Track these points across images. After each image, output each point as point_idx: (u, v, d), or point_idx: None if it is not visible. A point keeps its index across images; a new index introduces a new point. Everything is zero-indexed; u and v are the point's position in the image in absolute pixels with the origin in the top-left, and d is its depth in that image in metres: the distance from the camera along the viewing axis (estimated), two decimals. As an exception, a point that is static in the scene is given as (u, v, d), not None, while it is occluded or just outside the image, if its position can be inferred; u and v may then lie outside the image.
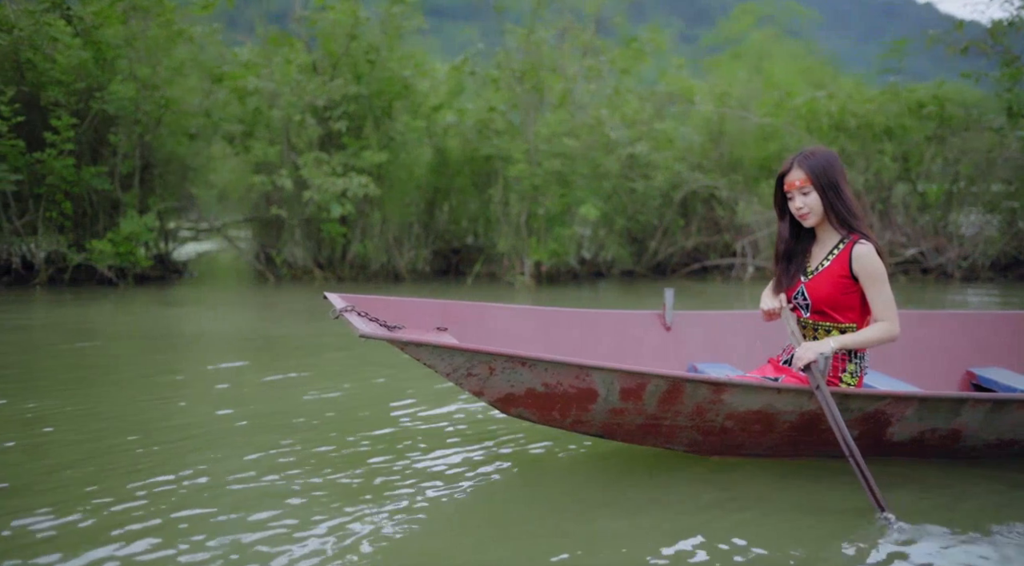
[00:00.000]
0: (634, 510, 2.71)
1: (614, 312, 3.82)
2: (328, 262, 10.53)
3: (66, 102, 9.26)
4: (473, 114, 10.53)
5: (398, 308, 3.33)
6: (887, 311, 2.96)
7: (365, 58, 10.06)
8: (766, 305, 3.13)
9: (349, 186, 9.39)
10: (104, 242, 9.34)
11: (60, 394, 4.29)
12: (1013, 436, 3.14)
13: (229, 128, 10.08)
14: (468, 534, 2.54)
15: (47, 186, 9.21)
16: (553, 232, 10.06)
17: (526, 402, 2.89)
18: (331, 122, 9.81)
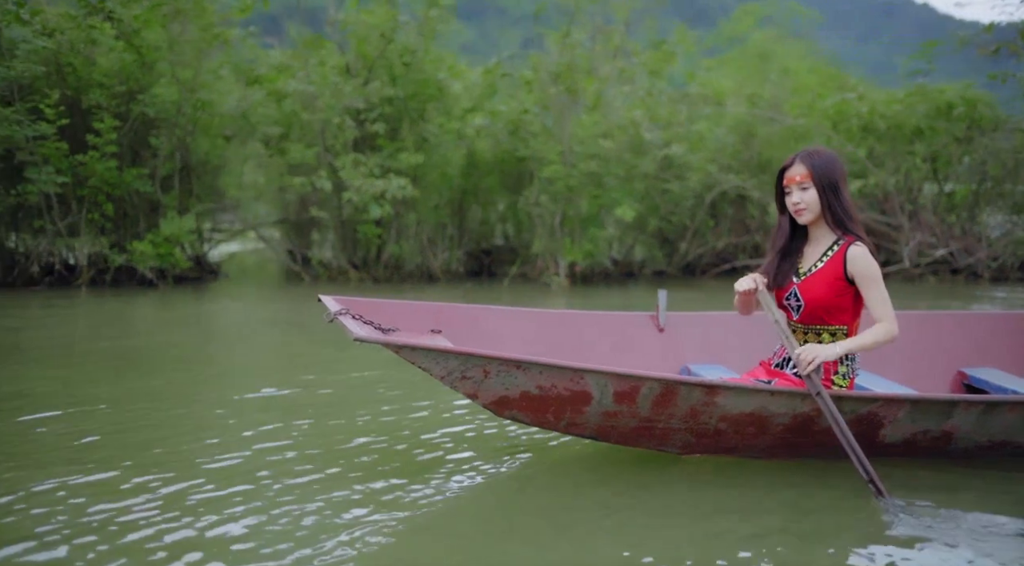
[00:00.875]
0: (627, 512, 2.71)
1: (608, 314, 3.83)
2: (363, 262, 10.62)
3: (107, 105, 9.34)
4: (504, 116, 10.63)
5: (392, 311, 3.33)
6: (885, 312, 2.94)
7: (400, 60, 10.16)
8: (743, 286, 3.08)
9: (388, 187, 9.48)
10: (145, 243, 9.43)
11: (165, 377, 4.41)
12: (1005, 438, 3.14)
13: (266, 130, 10.15)
14: (459, 536, 2.53)
15: (89, 188, 9.29)
16: (588, 233, 10.16)
17: (520, 405, 2.89)
18: (368, 124, 9.90)
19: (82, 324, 7.09)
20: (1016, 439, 3.15)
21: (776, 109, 11.01)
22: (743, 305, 3.14)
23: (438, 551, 2.42)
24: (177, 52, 9.64)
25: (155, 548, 2.41)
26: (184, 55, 9.74)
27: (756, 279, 3.06)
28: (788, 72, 11.90)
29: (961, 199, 11.14)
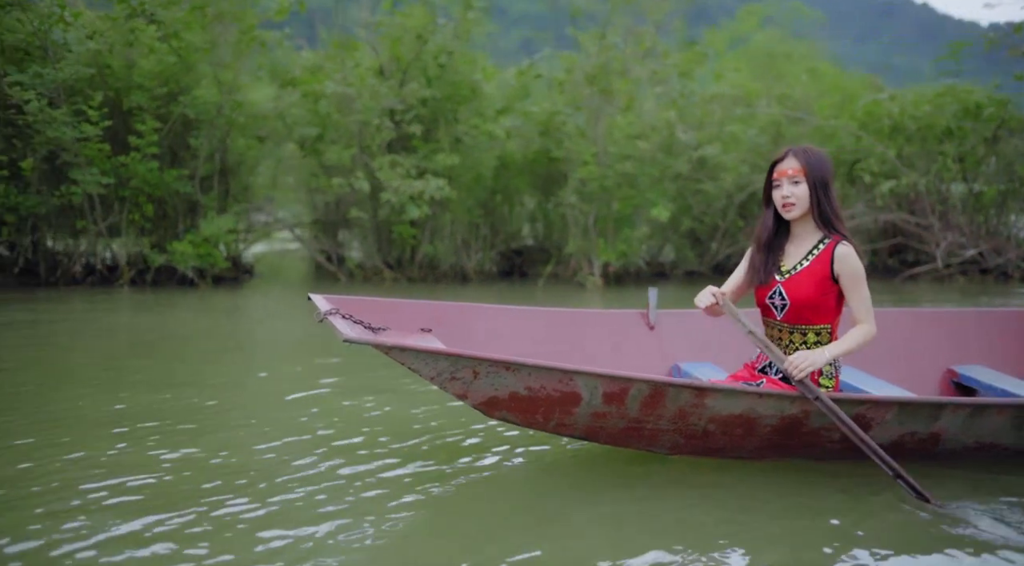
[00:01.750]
0: (615, 512, 2.72)
1: (599, 311, 3.82)
2: (397, 262, 10.70)
3: (147, 107, 9.42)
4: (535, 117, 10.72)
5: (383, 309, 3.32)
6: (867, 313, 2.96)
7: (435, 62, 10.24)
8: (703, 302, 3.01)
9: (426, 188, 9.57)
10: (184, 243, 9.51)
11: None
12: (992, 439, 3.15)
13: (303, 131, 10.23)
14: (447, 536, 2.54)
15: (131, 189, 9.37)
16: (621, 233, 10.25)
17: (509, 405, 2.89)
18: (404, 125, 9.98)
19: (188, 321, 7.21)
20: (1003, 441, 3.16)
21: (806, 110, 11.11)
22: (709, 314, 3.09)
23: (419, 553, 2.40)
24: (216, 54, 9.72)
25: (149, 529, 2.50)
26: (223, 57, 9.83)
27: (715, 293, 2.99)
28: (817, 74, 12.00)
29: (989, 200, 11.25)
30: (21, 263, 9.50)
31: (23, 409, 3.97)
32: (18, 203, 8.99)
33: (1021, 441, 3.17)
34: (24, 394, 4.31)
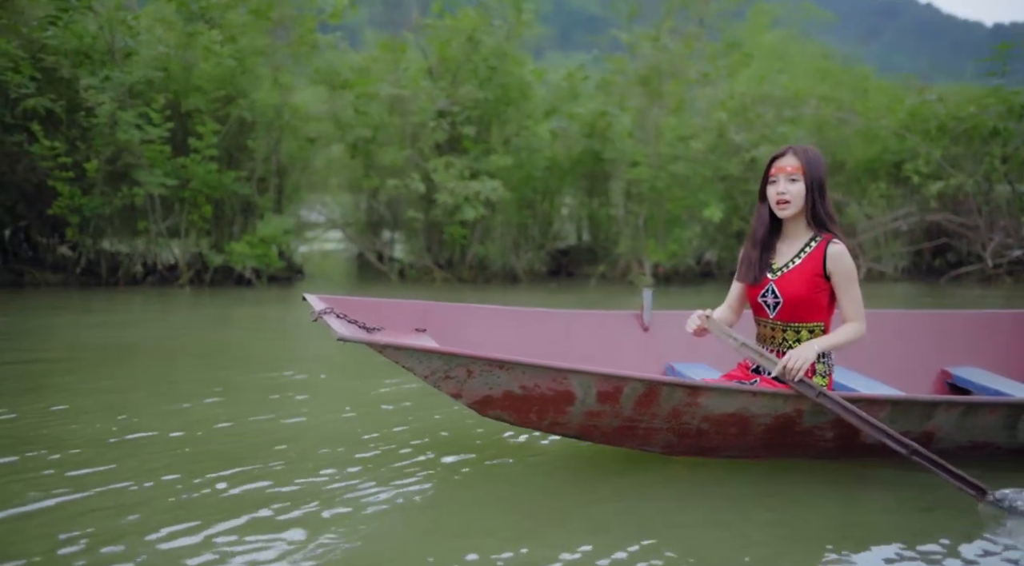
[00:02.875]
0: (608, 512, 2.71)
1: (593, 312, 3.84)
2: (448, 263, 10.81)
3: (206, 109, 9.53)
4: (582, 118, 10.82)
5: (377, 309, 3.32)
6: (857, 312, 2.95)
7: (485, 64, 10.36)
8: (690, 326, 3.02)
9: (481, 189, 9.68)
10: (242, 244, 9.62)
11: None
12: (985, 439, 3.14)
13: (358, 133, 10.35)
14: (436, 536, 2.53)
15: (190, 190, 9.48)
16: (672, 234, 10.36)
17: (503, 404, 2.89)
18: (458, 126, 10.09)
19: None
20: (996, 440, 3.16)
21: (851, 110, 11.22)
22: (698, 336, 3.08)
23: (408, 553, 2.40)
24: (273, 57, 9.84)
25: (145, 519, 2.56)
26: (279, 60, 9.95)
27: (700, 316, 3.00)
28: (863, 75, 12.13)
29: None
30: (83, 264, 9.61)
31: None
32: (82, 204, 9.11)
33: (1014, 440, 3.17)
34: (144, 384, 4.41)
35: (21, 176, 9.21)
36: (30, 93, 8.59)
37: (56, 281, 9.46)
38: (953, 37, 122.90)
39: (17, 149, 9.00)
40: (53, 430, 3.56)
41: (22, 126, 9.00)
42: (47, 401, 4.11)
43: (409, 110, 10.19)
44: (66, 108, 8.94)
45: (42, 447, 3.30)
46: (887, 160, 11.31)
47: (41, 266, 9.67)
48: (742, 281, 3.10)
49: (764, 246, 3.04)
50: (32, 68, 8.79)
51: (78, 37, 9.08)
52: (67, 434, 3.49)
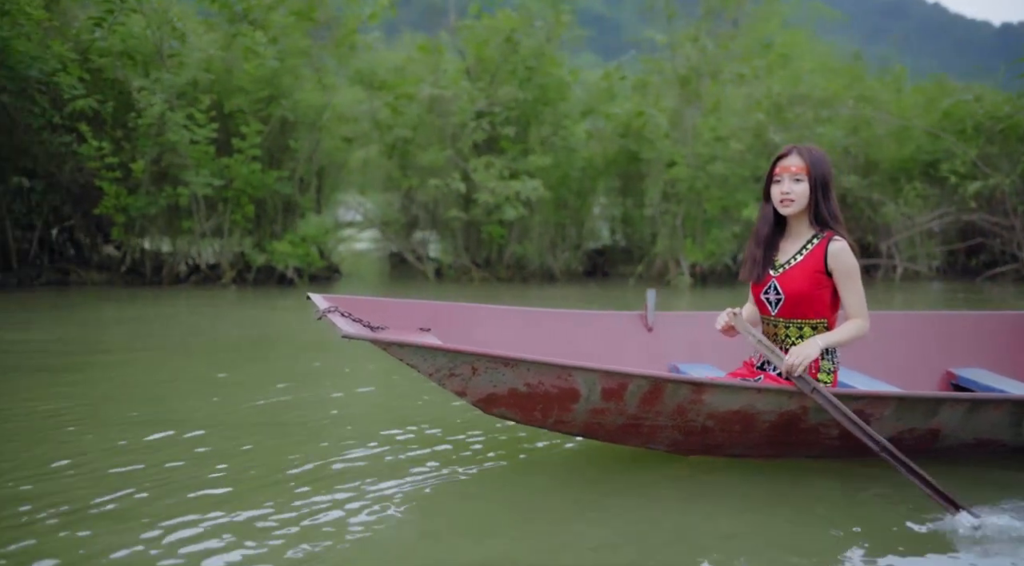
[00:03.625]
0: (611, 512, 2.69)
1: (597, 313, 3.83)
2: (485, 262, 10.87)
3: (249, 109, 9.61)
4: (616, 118, 10.88)
5: (382, 309, 3.30)
6: (860, 308, 2.94)
7: (524, 64, 10.42)
8: (719, 323, 3.06)
9: (522, 189, 9.74)
10: (284, 243, 9.69)
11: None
12: (990, 436, 3.11)
13: (398, 133, 10.41)
14: (441, 535, 2.51)
15: (233, 190, 9.55)
16: (710, 234, 10.41)
17: (508, 402, 2.88)
18: (497, 127, 10.15)
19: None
20: (1002, 437, 3.13)
21: (884, 110, 11.25)
22: (727, 335, 3.12)
23: (414, 552, 2.39)
24: (314, 58, 9.91)
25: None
26: (319, 60, 10.02)
27: (728, 314, 3.03)
28: (897, 75, 12.16)
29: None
30: (128, 263, 9.69)
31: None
32: (128, 204, 9.19)
33: (1019, 437, 3.15)
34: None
35: (68, 176, 9.30)
36: (80, 94, 8.67)
37: (101, 280, 9.54)
38: (960, 36, 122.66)
39: (64, 150, 9.09)
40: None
41: (70, 127, 9.10)
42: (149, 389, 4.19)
43: (448, 111, 10.24)
44: (112, 109, 9.02)
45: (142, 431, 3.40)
46: (921, 160, 11.34)
47: (86, 265, 9.76)
48: (746, 279, 3.11)
49: (767, 244, 3.05)
50: (80, 69, 8.88)
51: (122, 39, 9.16)
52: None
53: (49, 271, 9.48)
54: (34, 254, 9.53)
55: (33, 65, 8.51)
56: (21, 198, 9.32)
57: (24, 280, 9.32)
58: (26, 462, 3.12)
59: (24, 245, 9.54)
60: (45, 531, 2.46)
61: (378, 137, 10.74)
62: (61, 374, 4.75)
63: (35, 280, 9.36)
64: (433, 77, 10.28)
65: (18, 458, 3.16)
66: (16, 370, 4.86)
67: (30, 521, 2.54)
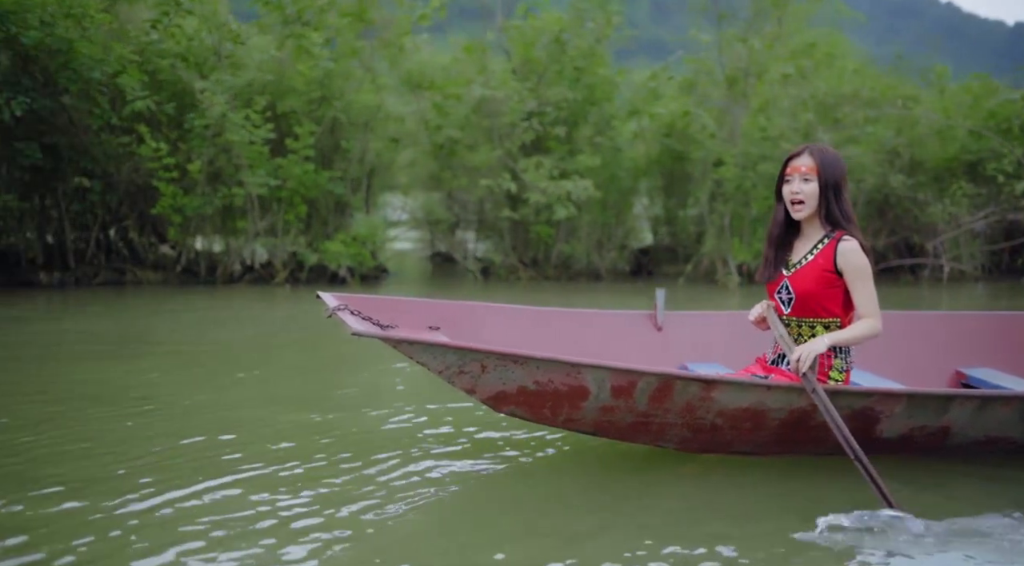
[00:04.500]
0: (622, 509, 2.69)
1: (606, 312, 3.83)
2: (532, 261, 10.93)
3: (302, 110, 9.70)
4: (660, 119, 10.92)
5: (391, 307, 3.31)
6: (871, 308, 2.92)
7: (572, 65, 10.48)
8: (752, 314, 3.09)
9: (573, 189, 9.79)
10: (336, 243, 9.77)
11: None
12: (1001, 433, 3.11)
13: (449, 133, 10.49)
14: (449, 534, 2.51)
15: (287, 190, 9.64)
16: (758, 234, 10.44)
17: (518, 400, 2.88)
18: (548, 127, 10.21)
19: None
20: (1012, 435, 3.13)
21: (929, 110, 11.27)
22: (759, 327, 3.14)
23: (420, 552, 2.38)
24: (367, 58, 9.99)
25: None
26: (370, 61, 10.10)
27: (763, 306, 3.06)
28: (941, 74, 12.17)
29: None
30: (183, 262, 9.79)
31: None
32: (184, 204, 9.28)
33: None
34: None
35: (125, 177, 9.40)
36: (139, 95, 8.77)
37: (156, 279, 9.64)
38: (974, 36, 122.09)
39: (122, 151, 9.19)
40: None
41: (128, 128, 9.20)
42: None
43: (496, 111, 10.31)
44: (175, 110, 9.12)
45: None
46: (964, 160, 11.34)
47: (141, 265, 9.86)
48: (761, 279, 3.11)
49: (780, 244, 3.06)
50: (139, 71, 8.98)
51: (177, 41, 9.26)
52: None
53: (106, 271, 9.58)
54: (91, 254, 9.63)
55: (97, 67, 8.62)
56: (79, 198, 9.43)
57: (81, 279, 9.43)
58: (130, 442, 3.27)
59: (80, 245, 9.64)
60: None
61: (426, 137, 10.80)
62: (133, 361, 4.94)
63: (92, 279, 9.47)
64: (483, 78, 10.34)
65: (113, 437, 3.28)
66: (85, 358, 5.05)
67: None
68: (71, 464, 3.07)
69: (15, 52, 8.36)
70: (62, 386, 4.44)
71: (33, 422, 3.64)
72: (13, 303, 7.87)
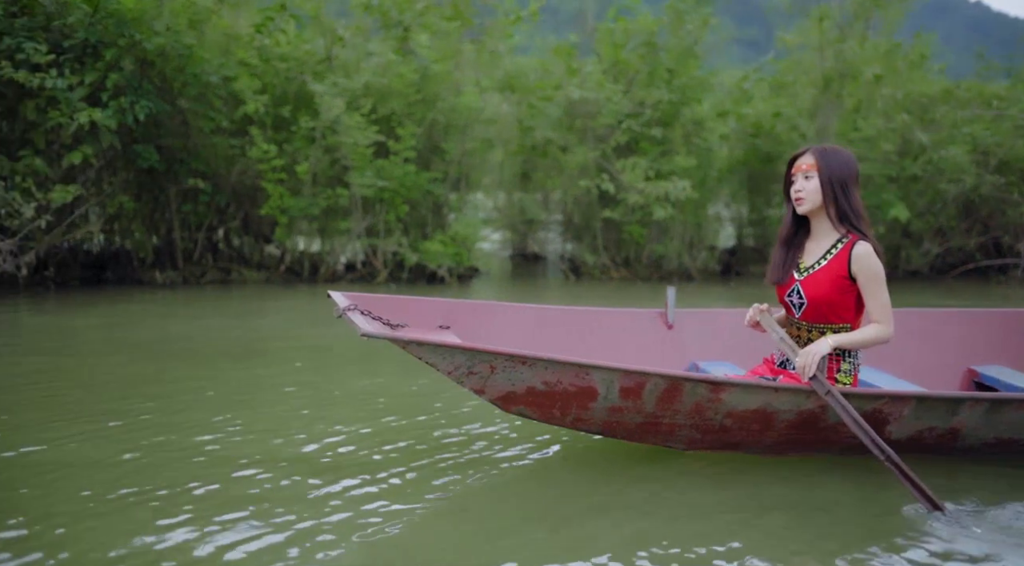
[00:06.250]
0: (631, 510, 2.71)
1: (616, 310, 3.85)
2: (624, 261, 11.02)
3: (403, 112, 9.84)
4: (747, 119, 10.97)
5: (401, 306, 3.33)
6: (883, 313, 2.90)
7: (664, 66, 10.56)
8: (747, 319, 3.09)
9: (671, 189, 9.87)
10: (435, 242, 9.90)
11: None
12: (1012, 435, 3.11)
13: (546, 133, 10.60)
14: (457, 533, 2.52)
15: (389, 191, 9.78)
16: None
17: (526, 400, 2.90)
18: (645, 128, 10.31)
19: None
20: (1023, 437, 3.13)
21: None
22: (756, 330, 3.14)
23: (428, 550, 2.41)
24: (466, 61, 10.14)
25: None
26: (468, 63, 10.25)
27: (756, 309, 3.06)
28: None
29: None
30: (287, 262, 9.96)
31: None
32: (290, 205, 9.46)
33: None
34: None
35: (235, 179, 9.59)
36: (259, 97, 8.96)
37: (260, 279, 9.82)
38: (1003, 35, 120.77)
39: (233, 152, 9.38)
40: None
41: (238, 130, 9.40)
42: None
43: (591, 113, 10.41)
44: (274, 114, 9.29)
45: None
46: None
47: (246, 264, 10.05)
48: (770, 282, 3.10)
49: (789, 246, 3.07)
50: (250, 75, 9.17)
51: (279, 44, 9.44)
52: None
53: (212, 270, 9.78)
54: (199, 254, 9.83)
55: (217, 71, 8.81)
56: (189, 200, 9.63)
57: (189, 278, 9.63)
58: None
59: (188, 244, 9.84)
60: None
61: (518, 138, 10.92)
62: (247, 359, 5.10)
63: (200, 279, 9.66)
64: (578, 79, 10.45)
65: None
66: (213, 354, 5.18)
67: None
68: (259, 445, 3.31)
69: (137, 58, 8.57)
70: (233, 378, 4.62)
71: (211, 411, 3.89)
72: (142, 300, 8.09)
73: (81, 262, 9.49)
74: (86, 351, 5.60)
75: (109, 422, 3.69)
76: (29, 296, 8.19)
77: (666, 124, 10.55)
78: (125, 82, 8.42)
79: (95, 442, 3.38)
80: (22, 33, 8.08)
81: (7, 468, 3.07)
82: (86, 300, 7.98)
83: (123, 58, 8.40)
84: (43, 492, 2.82)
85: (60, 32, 8.48)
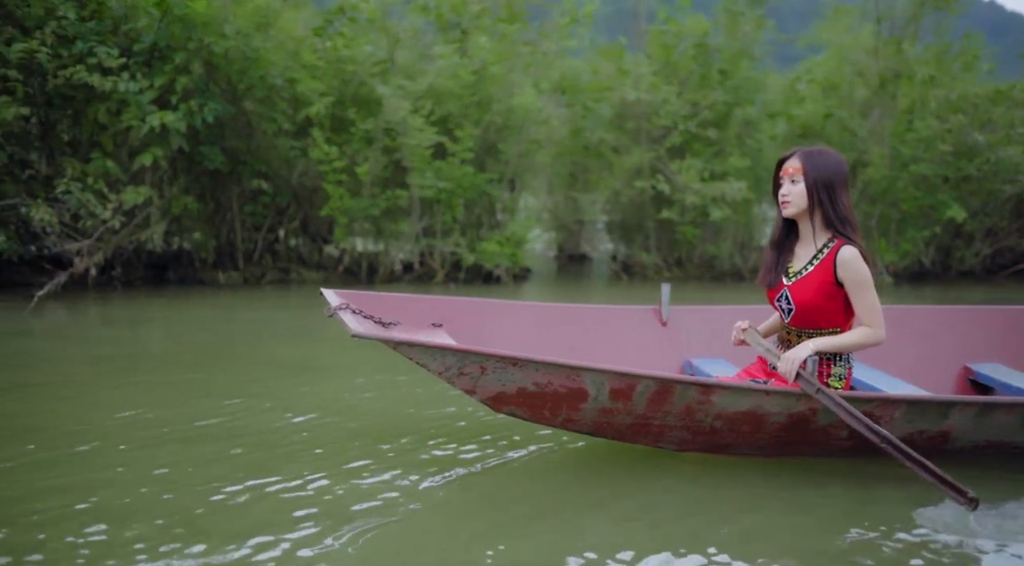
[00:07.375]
0: (619, 509, 2.72)
1: (610, 307, 3.83)
2: (677, 261, 11.06)
3: (460, 113, 9.91)
4: (797, 119, 10.99)
5: (393, 304, 3.33)
6: (871, 316, 2.88)
7: (716, 68, 10.60)
8: (733, 338, 3.12)
9: (727, 190, 9.91)
10: (491, 243, 9.97)
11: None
12: (1002, 438, 3.12)
13: (601, 135, 10.66)
14: (451, 534, 2.53)
15: (446, 192, 9.85)
16: (907, 234, 10.48)
17: (517, 401, 2.91)
18: (699, 129, 10.35)
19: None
20: (1014, 439, 3.14)
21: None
22: (741, 346, 3.16)
23: (423, 550, 2.42)
24: (522, 62, 10.20)
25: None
26: (524, 65, 10.31)
27: (737, 329, 3.09)
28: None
29: None
30: (345, 262, 10.05)
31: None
32: (350, 206, 9.53)
33: None
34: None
35: (296, 180, 9.68)
36: (325, 99, 9.06)
37: (318, 279, 9.91)
38: (1019, 35, 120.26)
39: (295, 154, 9.47)
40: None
41: (300, 132, 9.49)
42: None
43: (645, 114, 10.46)
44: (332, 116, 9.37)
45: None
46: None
47: (305, 265, 10.14)
48: (760, 285, 3.10)
49: (781, 249, 3.05)
50: (312, 77, 9.26)
51: (344, 47, 9.52)
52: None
53: (273, 270, 9.87)
54: (259, 254, 9.92)
55: (282, 74, 8.90)
56: (251, 200, 9.72)
57: (249, 279, 9.72)
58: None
59: (249, 245, 9.93)
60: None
61: (571, 139, 10.98)
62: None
63: (260, 279, 9.75)
64: (630, 81, 10.50)
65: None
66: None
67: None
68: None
69: (205, 61, 8.66)
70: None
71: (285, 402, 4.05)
72: (211, 299, 8.19)
73: (144, 262, 9.59)
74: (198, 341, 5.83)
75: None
76: (99, 294, 8.33)
77: (720, 125, 10.58)
78: (193, 85, 8.52)
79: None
80: (93, 37, 8.18)
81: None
82: (149, 300, 8.15)
83: (192, 61, 8.50)
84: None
85: (127, 36, 8.59)
